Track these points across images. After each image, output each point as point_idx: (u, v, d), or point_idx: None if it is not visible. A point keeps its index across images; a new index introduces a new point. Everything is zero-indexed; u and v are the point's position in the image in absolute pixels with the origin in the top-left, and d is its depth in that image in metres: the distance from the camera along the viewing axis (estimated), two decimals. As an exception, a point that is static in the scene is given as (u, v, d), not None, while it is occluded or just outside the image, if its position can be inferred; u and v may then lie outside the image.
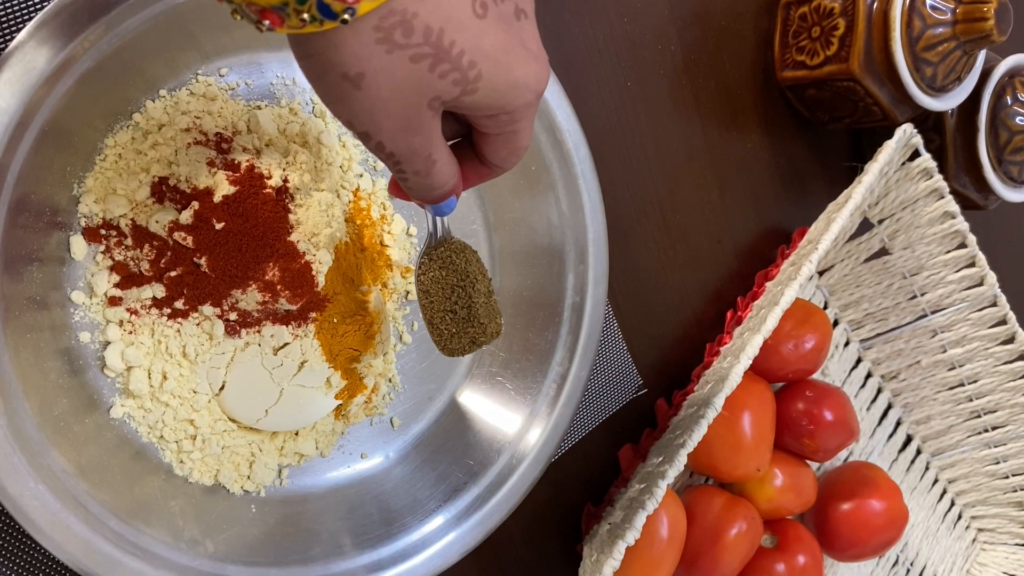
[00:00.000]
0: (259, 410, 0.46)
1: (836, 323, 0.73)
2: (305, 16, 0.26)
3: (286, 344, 0.46)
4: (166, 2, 0.40)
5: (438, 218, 0.41)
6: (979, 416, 0.72)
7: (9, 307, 0.39)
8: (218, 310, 0.44)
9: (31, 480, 0.37)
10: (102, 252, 0.43)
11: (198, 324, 0.44)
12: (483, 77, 0.29)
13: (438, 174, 0.33)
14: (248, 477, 0.47)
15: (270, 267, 0.44)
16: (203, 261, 0.43)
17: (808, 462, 0.66)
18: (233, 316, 0.45)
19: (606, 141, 0.60)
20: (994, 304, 0.66)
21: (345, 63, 0.28)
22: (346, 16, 0.26)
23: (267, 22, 0.27)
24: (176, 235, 0.43)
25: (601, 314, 0.54)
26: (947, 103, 0.64)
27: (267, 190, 0.44)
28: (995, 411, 0.71)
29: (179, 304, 0.44)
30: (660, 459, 0.52)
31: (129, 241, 0.43)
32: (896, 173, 0.63)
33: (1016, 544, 0.78)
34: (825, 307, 0.73)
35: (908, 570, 0.76)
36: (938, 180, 0.62)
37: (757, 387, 0.61)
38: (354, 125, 0.30)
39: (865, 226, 0.68)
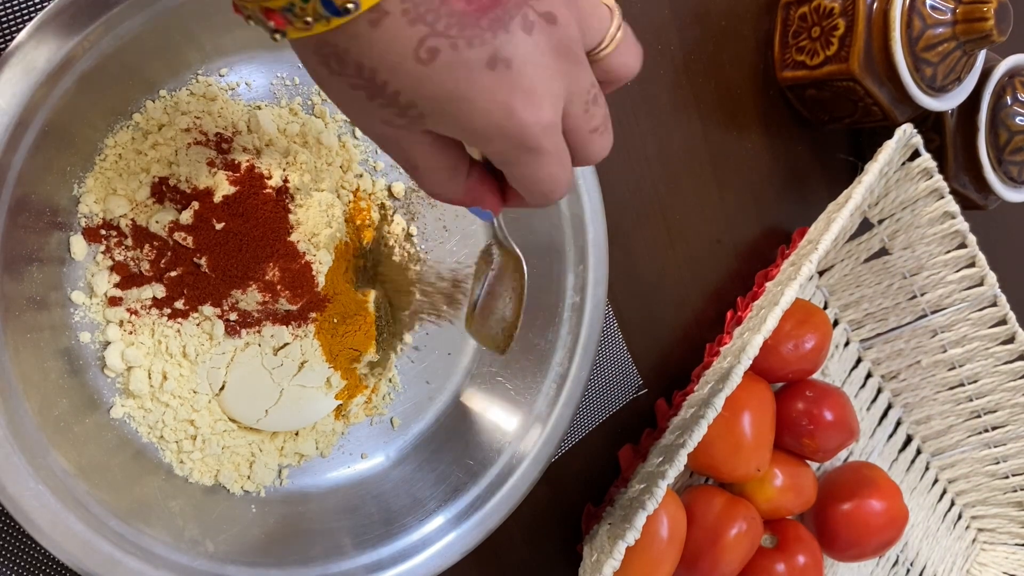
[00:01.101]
0: (259, 410, 0.46)
1: (836, 323, 0.73)
2: (251, 22, 0.28)
3: (286, 344, 0.46)
4: (166, 2, 0.40)
5: (487, 220, 0.40)
6: (979, 416, 0.72)
7: (9, 307, 0.39)
8: (218, 310, 0.44)
9: (31, 480, 0.37)
10: (102, 252, 0.43)
11: (198, 324, 0.44)
12: (427, 117, 0.29)
13: (421, 181, 0.33)
14: (248, 477, 0.47)
15: (270, 267, 0.44)
16: (203, 261, 0.43)
17: (808, 462, 0.66)
18: (233, 316, 0.45)
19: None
20: (994, 304, 0.66)
21: (308, 69, 0.29)
22: (276, 36, 0.27)
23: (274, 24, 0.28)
24: (176, 235, 0.43)
25: (601, 314, 0.54)
26: (947, 103, 0.64)
27: (267, 190, 0.44)
28: (995, 411, 0.71)
29: (179, 304, 0.44)
30: (660, 459, 0.52)
31: (129, 241, 0.43)
32: (896, 173, 0.63)
33: (1016, 544, 0.78)
34: (825, 307, 0.73)
35: (908, 570, 0.76)
36: (938, 180, 0.62)
37: (757, 387, 0.61)
38: None
39: (865, 226, 0.68)
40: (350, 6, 0.26)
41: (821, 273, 0.72)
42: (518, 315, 0.43)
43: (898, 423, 0.76)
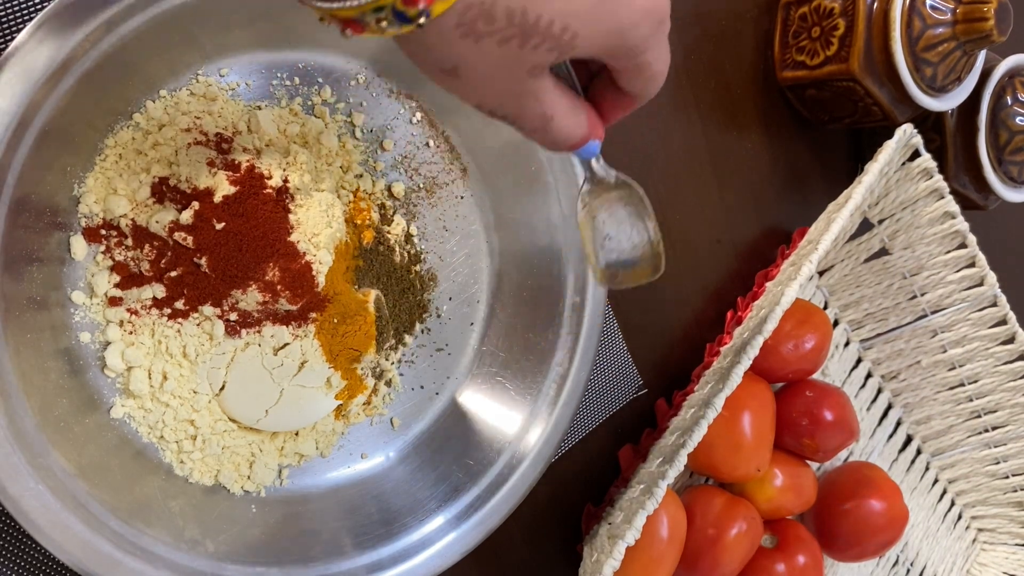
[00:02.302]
0: (259, 410, 0.46)
1: (836, 323, 0.73)
2: (383, 24, 0.27)
3: (286, 344, 0.46)
4: (166, 2, 0.40)
5: (587, 159, 0.41)
6: (979, 416, 0.72)
7: (9, 307, 0.39)
8: (218, 310, 0.44)
9: (31, 480, 0.37)
10: (102, 252, 0.43)
11: (198, 324, 0.44)
12: (580, 35, 0.29)
13: (557, 130, 0.34)
14: (248, 477, 0.47)
15: (270, 267, 0.44)
16: (203, 261, 0.43)
17: (808, 462, 0.66)
18: (233, 316, 0.45)
19: (606, 141, 0.60)
20: (994, 304, 0.66)
21: (439, 59, 0.29)
22: (421, 20, 0.27)
23: (349, 31, 0.28)
24: (176, 235, 0.43)
25: (601, 314, 0.54)
26: (947, 103, 0.64)
27: (267, 190, 0.44)
28: (995, 411, 0.71)
29: (179, 304, 0.44)
30: (660, 459, 0.52)
31: (129, 241, 0.43)
32: (896, 173, 0.63)
33: (1016, 544, 0.78)
34: (825, 307, 0.73)
35: (908, 570, 0.76)
36: (938, 180, 0.62)
37: (757, 387, 0.61)
38: (466, 101, 0.32)
39: (865, 226, 0.68)
40: None
41: (821, 273, 0.72)
42: (657, 230, 0.43)
43: (898, 423, 0.76)
